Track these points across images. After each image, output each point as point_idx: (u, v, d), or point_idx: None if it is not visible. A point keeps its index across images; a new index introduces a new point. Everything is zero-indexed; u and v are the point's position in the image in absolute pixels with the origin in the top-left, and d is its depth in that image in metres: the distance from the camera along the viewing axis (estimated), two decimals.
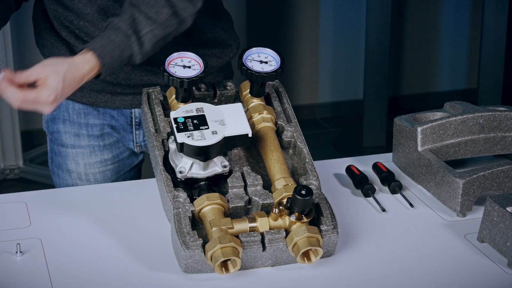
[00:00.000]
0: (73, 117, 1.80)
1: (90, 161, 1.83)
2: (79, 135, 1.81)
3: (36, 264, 1.40)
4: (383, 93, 4.18)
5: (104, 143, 1.82)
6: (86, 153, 1.82)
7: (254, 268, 1.40)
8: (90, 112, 1.80)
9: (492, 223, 1.44)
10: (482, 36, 4.06)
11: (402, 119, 1.73)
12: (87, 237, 1.49)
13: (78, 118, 1.81)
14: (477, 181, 1.56)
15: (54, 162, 1.86)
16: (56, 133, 1.83)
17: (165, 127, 1.54)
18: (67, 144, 1.82)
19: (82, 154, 1.82)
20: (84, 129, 1.81)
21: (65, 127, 1.81)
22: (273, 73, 1.56)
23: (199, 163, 1.47)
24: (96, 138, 1.82)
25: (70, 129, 1.81)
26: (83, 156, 1.82)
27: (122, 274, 1.38)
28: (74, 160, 1.82)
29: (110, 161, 1.84)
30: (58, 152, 1.84)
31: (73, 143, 1.82)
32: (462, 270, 1.40)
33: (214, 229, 1.37)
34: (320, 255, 1.38)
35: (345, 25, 4.49)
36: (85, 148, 1.82)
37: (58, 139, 1.83)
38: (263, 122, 1.56)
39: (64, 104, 1.80)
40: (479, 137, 1.72)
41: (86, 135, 1.81)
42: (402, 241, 1.49)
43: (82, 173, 1.83)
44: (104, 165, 1.83)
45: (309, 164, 1.51)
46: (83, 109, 1.80)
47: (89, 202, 1.61)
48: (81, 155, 1.82)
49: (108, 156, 1.83)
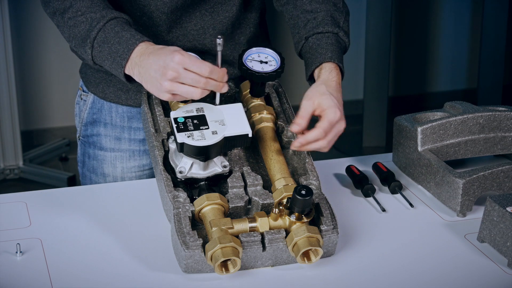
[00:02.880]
0: (115, 121, 1.77)
1: (129, 165, 1.80)
2: (120, 138, 1.79)
3: (36, 264, 1.40)
4: (383, 93, 4.18)
5: (145, 148, 1.80)
6: (125, 157, 1.79)
7: (254, 268, 1.40)
8: (134, 116, 1.77)
9: (492, 223, 1.44)
10: (482, 36, 4.07)
11: (402, 119, 1.73)
12: (87, 237, 1.49)
13: (121, 122, 1.78)
14: (477, 181, 1.56)
15: (86, 165, 1.83)
16: (96, 136, 1.80)
17: (165, 127, 1.54)
18: (106, 147, 1.79)
19: (121, 157, 1.79)
20: (126, 133, 1.78)
21: (106, 130, 1.78)
22: (273, 73, 1.56)
23: (199, 163, 1.47)
24: (138, 143, 1.79)
25: (111, 133, 1.78)
26: (121, 159, 1.79)
27: (122, 274, 1.38)
28: (111, 163, 1.80)
29: (148, 166, 1.82)
30: (94, 156, 1.81)
31: (113, 147, 1.79)
32: (462, 270, 1.40)
33: (214, 229, 1.37)
34: (320, 255, 1.38)
35: None
36: (125, 152, 1.79)
37: (96, 143, 1.80)
38: (263, 122, 1.56)
39: (106, 107, 1.77)
40: (479, 137, 1.72)
41: (128, 139, 1.78)
42: (402, 241, 1.49)
43: (118, 177, 1.80)
44: (142, 170, 1.81)
45: (309, 164, 1.51)
46: (127, 112, 1.77)
47: (89, 202, 1.61)
48: (120, 159, 1.79)
49: (147, 161, 1.81)
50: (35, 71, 4.08)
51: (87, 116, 1.80)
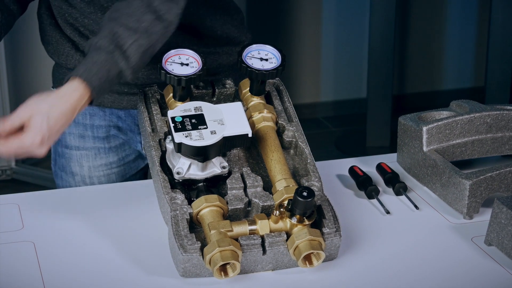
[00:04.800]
0: (77, 118, 1.78)
1: (95, 163, 1.82)
2: (84, 136, 1.80)
3: (29, 268, 1.40)
4: (387, 92, 4.18)
5: (110, 145, 1.82)
6: (91, 155, 1.81)
7: (254, 272, 1.40)
8: (96, 113, 1.79)
9: (500, 225, 1.44)
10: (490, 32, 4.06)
11: (407, 119, 1.73)
12: (81, 240, 1.49)
13: (83, 119, 1.79)
14: (484, 182, 1.56)
15: (57, 164, 1.85)
16: (61, 134, 1.82)
17: (162, 126, 1.54)
18: (71, 145, 1.81)
19: (86, 156, 1.81)
20: (89, 131, 1.80)
21: (69, 128, 1.80)
22: (274, 71, 1.56)
23: (197, 163, 1.47)
24: (102, 140, 1.81)
25: (75, 130, 1.80)
26: (87, 158, 1.81)
27: (118, 279, 1.38)
28: (78, 162, 1.82)
29: (116, 164, 1.83)
30: (62, 154, 1.83)
31: (77, 145, 1.81)
32: (469, 274, 1.41)
33: (212, 232, 1.37)
34: (322, 258, 1.39)
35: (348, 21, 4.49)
36: (90, 150, 1.81)
37: (62, 140, 1.82)
38: (263, 122, 1.56)
39: None
40: (487, 137, 1.72)
41: (91, 136, 1.80)
42: (407, 245, 1.49)
43: (86, 176, 1.82)
44: (109, 168, 1.83)
45: (310, 165, 1.51)
46: (89, 110, 1.78)
47: (83, 204, 1.61)
48: (86, 157, 1.81)
49: (114, 159, 1.83)
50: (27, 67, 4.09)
51: None
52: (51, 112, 1.42)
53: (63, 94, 1.45)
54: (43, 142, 1.41)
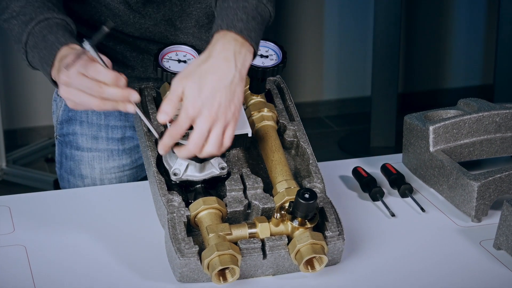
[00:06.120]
0: (92, 119, 1.78)
1: (108, 165, 1.81)
2: (97, 137, 1.79)
3: (20, 273, 1.40)
4: (392, 90, 4.19)
5: (124, 147, 1.81)
6: (103, 157, 1.80)
7: (254, 277, 1.40)
8: (111, 113, 1.78)
9: (510, 229, 1.44)
10: (499, 28, 4.07)
11: (412, 118, 1.73)
12: (75, 244, 1.49)
13: (97, 120, 1.78)
14: (493, 183, 1.56)
15: (64, 167, 1.84)
16: (72, 135, 1.80)
17: (158, 125, 1.54)
18: (83, 147, 1.80)
19: (99, 158, 1.80)
20: (104, 132, 1.79)
21: (82, 129, 1.79)
22: (275, 68, 1.56)
23: (195, 164, 1.47)
24: (116, 142, 1.80)
25: (88, 131, 1.79)
26: (99, 160, 1.80)
27: (113, 284, 1.38)
28: (89, 164, 1.80)
29: (128, 167, 1.83)
30: (71, 156, 1.82)
31: (89, 146, 1.80)
32: (477, 279, 1.41)
33: (211, 235, 1.37)
34: (324, 263, 1.39)
35: (352, 17, 4.49)
36: (103, 152, 1.80)
37: (72, 142, 1.80)
38: (264, 121, 1.56)
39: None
40: (495, 136, 1.72)
41: (105, 138, 1.79)
42: (413, 248, 1.49)
43: (97, 179, 1.81)
44: (122, 170, 1.82)
45: (313, 166, 1.51)
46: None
47: (77, 207, 1.61)
48: (98, 159, 1.80)
49: (127, 161, 1.82)
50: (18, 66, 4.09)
51: (63, 113, 1.80)
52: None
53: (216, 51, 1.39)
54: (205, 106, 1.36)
